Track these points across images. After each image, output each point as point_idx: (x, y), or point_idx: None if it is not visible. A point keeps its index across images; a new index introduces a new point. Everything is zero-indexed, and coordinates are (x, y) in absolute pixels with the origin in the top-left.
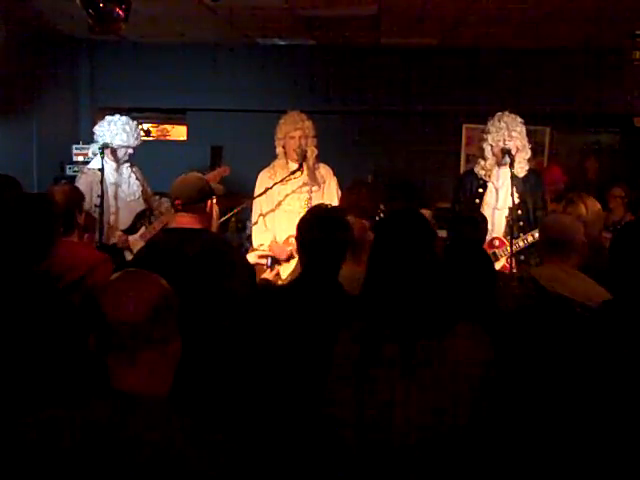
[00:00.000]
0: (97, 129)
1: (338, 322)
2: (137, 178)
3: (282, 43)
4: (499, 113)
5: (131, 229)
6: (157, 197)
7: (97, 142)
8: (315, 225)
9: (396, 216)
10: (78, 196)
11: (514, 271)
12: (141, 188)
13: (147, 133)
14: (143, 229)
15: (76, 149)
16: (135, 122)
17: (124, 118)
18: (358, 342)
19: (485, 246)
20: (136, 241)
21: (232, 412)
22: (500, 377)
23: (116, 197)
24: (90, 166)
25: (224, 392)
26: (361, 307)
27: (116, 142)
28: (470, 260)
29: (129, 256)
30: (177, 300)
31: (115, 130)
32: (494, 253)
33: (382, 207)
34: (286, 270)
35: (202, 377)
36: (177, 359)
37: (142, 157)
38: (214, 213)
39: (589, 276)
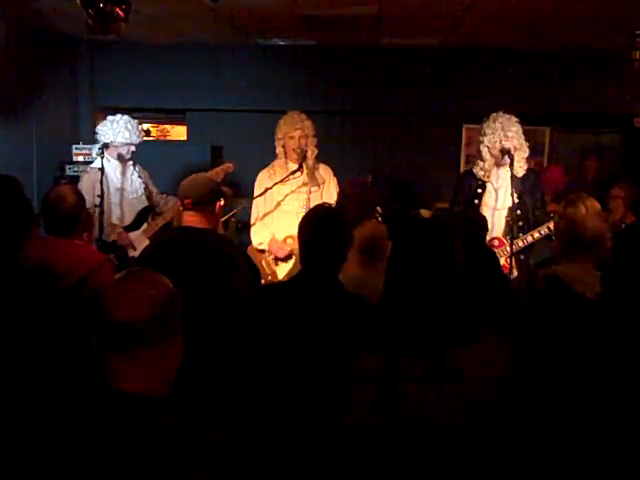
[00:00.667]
0: (99, 129)
1: (336, 319)
2: (140, 176)
3: (282, 43)
4: (493, 114)
5: (133, 226)
6: (164, 195)
7: (100, 142)
8: (316, 225)
9: (416, 224)
10: (83, 197)
11: (535, 270)
12: (144, 186)
13: (147, 133)
14: (145, 226)
15: (76, 149)
16: (136, 120)
17: (125, 117)
18: (381, 351)
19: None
20: (138, 238)
21: (235, 412)
22: (523, 378)
23: (122, 200)
24: (93, 165)
25: (227, 392)
26: (384, 316)
27: (119, 140)
28: (481, 260)
29: (131, 253)
30: (180, 300)
31: (117, 128)
32: None
33: (380, 210)
34: (284, 268)
35: (205, 377)
36: (179, 359)
37: (142, 157)
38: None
39: None
